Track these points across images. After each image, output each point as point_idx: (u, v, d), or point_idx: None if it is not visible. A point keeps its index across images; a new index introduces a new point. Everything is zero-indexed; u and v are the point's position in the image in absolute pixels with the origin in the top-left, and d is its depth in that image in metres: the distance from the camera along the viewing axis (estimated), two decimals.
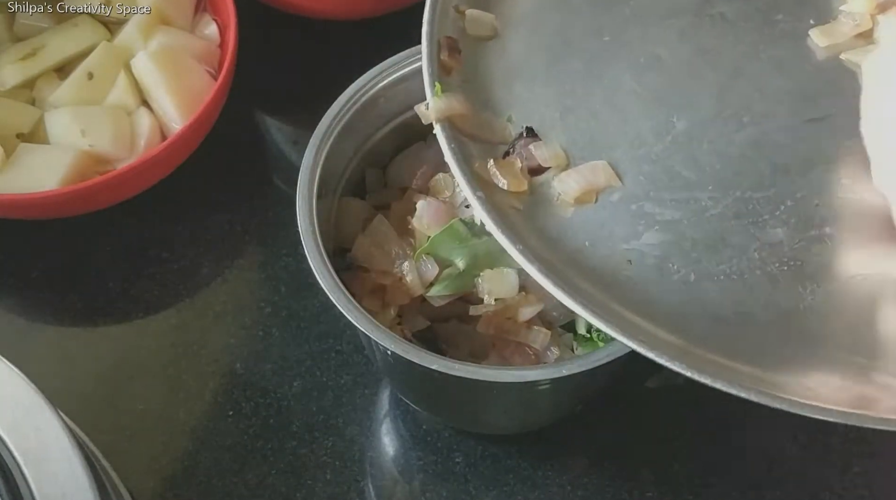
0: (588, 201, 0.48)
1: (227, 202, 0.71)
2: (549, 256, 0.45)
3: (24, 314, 0.67)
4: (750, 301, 0.45)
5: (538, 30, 0.53)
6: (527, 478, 0.59)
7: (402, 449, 0.61)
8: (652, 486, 0.59)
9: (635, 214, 0.47)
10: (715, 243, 0.46)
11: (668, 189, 0.48)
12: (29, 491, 0.41)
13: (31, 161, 0.63)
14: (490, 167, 0.48)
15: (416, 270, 0.53)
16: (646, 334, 0.43)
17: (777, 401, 0.41)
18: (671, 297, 0.45)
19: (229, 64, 0.66)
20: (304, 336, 0.64)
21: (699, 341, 0.44)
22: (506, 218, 0.46)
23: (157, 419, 0.61)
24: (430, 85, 0.50)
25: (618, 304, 0.44)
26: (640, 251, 0.46)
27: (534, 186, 0.48)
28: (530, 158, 0.49)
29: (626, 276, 0.45)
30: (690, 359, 0.42)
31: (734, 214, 0.47)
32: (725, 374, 0.42)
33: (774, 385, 0.42)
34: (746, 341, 0.44)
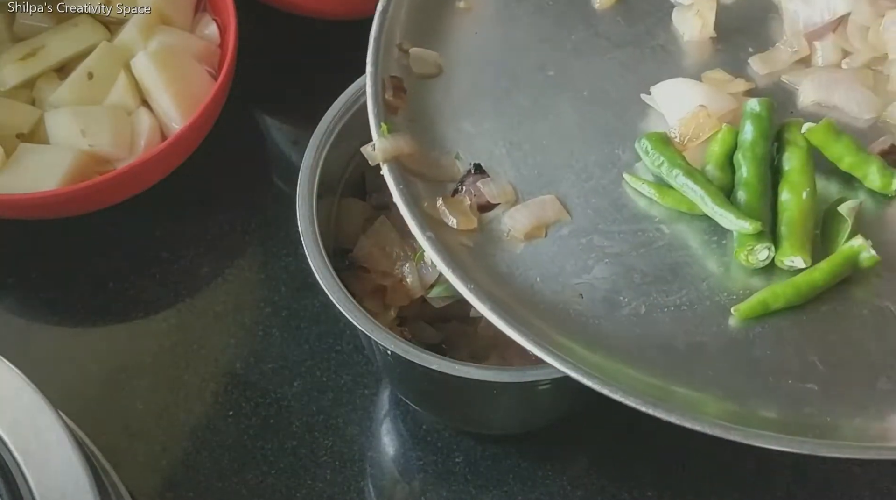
0: (538, 236, 0.48)
1: (227, 202, 0.71)
2: (500, 293, 0.45)
3: (24, 314, 0.67)
4: (700, 331, 0.45)
5: (483, 66, 0.53)
6: (527, 478, 0.59)
7: (402, 449, 0.61)
8: (652, 486, 0.59)
9: (585, 247, 0.47)
10: (664, 275, 0.46)
11: (615, 221, 0.48)
12: (29, 491, 0.41)
13: (31, 161, 0.63)
14: (439, 206, 0.48)
15: (417, 272, 0.53)
16: (598, 369, 0.43)
17: (730, 433, 0.41)
18: (623, 330, 0.45)
19: (229, 64, 0.66)
20: (304, 336, 0.64)
21: (652, 374, 0.44)
22: (456, 257, 0.46)
23: (157, 418, 0.61)
24: (375, 125, 0.50)
25: (570, 339, 0.44)
26: (591, 285, 0.46)
27: (483, 222, 0.49)
28: (479, 195, 0.49)
29: (578, 310, 0.45)
30: (644, 393, 0.42)
31: (682, 244, 0.47)
32: (679, 406, 0.42)
33: (729, 415, 0.42)
34: (699, 372, 0.44)
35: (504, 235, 0.48)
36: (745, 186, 0.47)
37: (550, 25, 0.54)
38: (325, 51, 0.77)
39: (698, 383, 0.44)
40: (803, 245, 0.46)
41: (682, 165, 0.47)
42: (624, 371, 0.44)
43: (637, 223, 0.48)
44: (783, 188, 0.48)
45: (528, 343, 0.43)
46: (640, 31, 0.54)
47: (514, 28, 0.55)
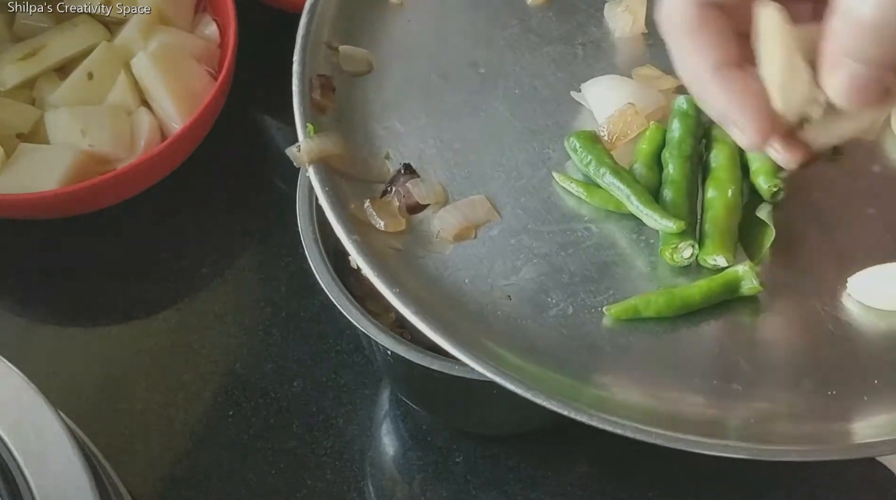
0: (468, 237, 0.47)
1: (227, 202, 0.71)
2: (427, 296, 0.45)
3: (24, 314, 0.67)
4: (627, 332, 0.45)
5: (415, 64, 0.53)
6: (527, 478, 0.59)
7: (402, 449, 0.61)
8: (652, 486, 0.59)
9: (514, 248, 0.47)
10: (592, 274, 0.46)
11: (545, 221, 0.48)
12: (29, 491, 0.41)
13: (31, 161, 0.63)
14: (367, 208, 0.47)
15: None
16: (523, 373, 0.42)
17: (652, 436, 0.41)
18: (550, 331, 0.45)
19: (229, 64, 0.66)
20: (304, 336, 0.64)
21: (578, 376, 0.43)
22: (383, 261, 0.45)
23: (157, 419, 0.61)
24: (301, 126, 0.49)
25: (497, 343, 0.44)
26: (520, 286, 0.46)
27: (413, 224, 0.48)
28: (408, 196, 0.48)
29: (506, 312, 0.45)
30: (568, 396, 0.42)
31: (610, 243, 0.47)
32: (604, 409, 0.42)
33: (655, 418, 0.42)
34: (625, 374, 0.44)
35: (433, 237, 0.47)
36: (671, 185, 0.48)
37: (483, 21, 0.53)
38: None
39: (625, 385, 0.43)
40: (726, 244, 0.46)
41: (609, 163, 0.48)
42: (549, 375, 0.43)
43: (566, 223, 0.48)
44: (709, 186, 0.48)
45: (453, 348, 0.42)
46: (572, 27, 0.54)
47: (446, 24, 0.54)
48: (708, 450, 0.40)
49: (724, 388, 0.43)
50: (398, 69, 0.53)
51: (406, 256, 0.47)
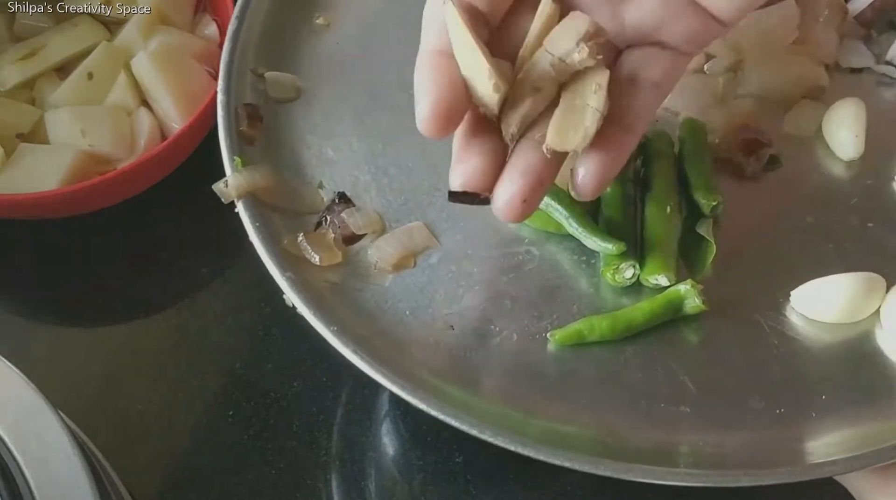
0: (407, 266, 0.47)
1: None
2: (367, 332, 0.44)
3: (24, 314, 0.67)
4: (572, 357, 0.44)
5: (343, 87, 0.52)
6: (527, 478, 0.59)
7: (402, 449, 0.61)
8: (652, 486, 0.59)
9: (455, 275, 0.46)
10: (535, 299, 0.46)
11: (485, 246, 0.47)
12: (29, 491, 0.41)
13: (31, 161, 0.63)
14: (300, 242, 0.46)
15: None
16: (469, 410, 0.42)
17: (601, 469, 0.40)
18: (495, 360, 0.44)
19: None
20: (304, 336, 0.64)
21: (524, 407, 0.43)
22: (319, 297, 0.44)
23: (157, 418, 0.61)
24: (228, 159, 0.48)
25: (441, 378, 0.43)
26: (462, 315, 0.45)
27: (349, 255, 0.47)
28: (344, 227, 0.47)
29: (449, 344, 0.44)
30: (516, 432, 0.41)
31: (552, 265, 0.47)
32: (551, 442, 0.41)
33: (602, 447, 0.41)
34: (573, 400, 0.43)
35: (371, 268, 0.46)
36: (609, 203, 0.47)
37: (412, 41, 0.54)
38: None
39: (572, 414, 0.43)
40: (666, 263, 0.46)
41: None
42: (495, 409, 0.42)
43: (506, 247, 0.47)
44: (647, 203, 0.48)
45: (394, 386, 0.42)
46: None
47: (374, 45, 0.53)
48: (659, 479, 0.40)
49: (672, 411, 0.43)
50: (327, 93, 0.51)
51: (343, 289, 0.46)
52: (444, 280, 0.46)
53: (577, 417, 0.43)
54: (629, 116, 0.39)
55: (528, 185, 0.37)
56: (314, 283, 0.45)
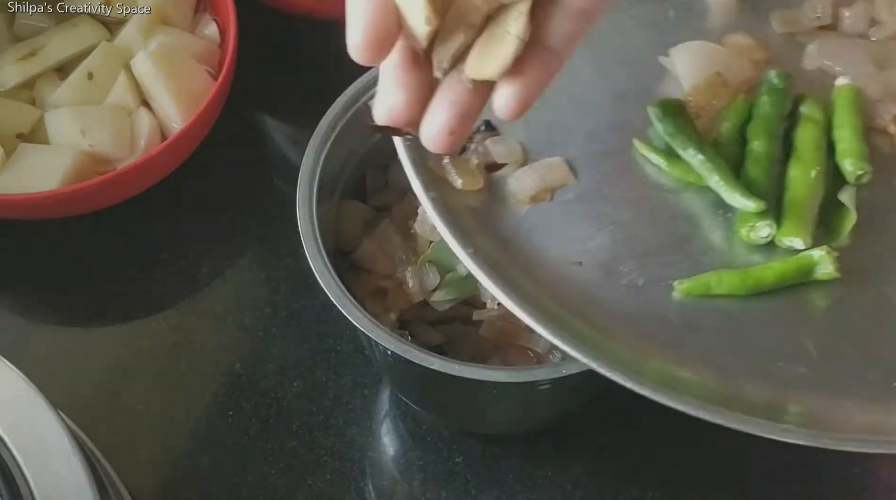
0: (543, 200, 0.47)
1: (227, 202, 0.71)
2: (499, 257, 0.44)
3: (24, 314, 0.67)
4: (696, 307, 0.44)
5: None
6: (527, 478, 0.59)
7: (402, 449, 0.61)
8: (652, 486, 0.59)
9: (589, 213, 0.46)
10: (666, 246, 0.45)
11: (622, 188, 0.47)
12: (29, 491, 0.41)
13: (31, 161, 0.63)
14: (445, 165, 0.47)
15: (419, 277, 0.53)
16: (591, 343, 0.41)
17: (713, 416, 0.40)
18: (619, 300, 0.44)
19: (229, 64, 0.66)
20: (304, 336, 0.64)
21: (642, 348, 0.42)
22: (458, 219, 0.45)
23: (157, 418, 0.61)
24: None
25: (565, 309, 0.43)
26: (592, 253, 0.45)
27: (489, 183, 0.47)
28: (487, 155, 0.47)
29: (576, 278, 0.44)
30: (634, 371, 0.41)
31: (687, 215, 0.46)
32: (664, 383, 0.41)
33: (716, 396, 0.41)
34: (691, 348, 0.43)
35: (509, 197, 0.47)
36: (753, 161, 0.46)
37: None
38: (325, 51, 0.77)
39: (689, 362, 0.42)
40: (804, 226, 0.45)
41: (693, 135, 0.46)
42: (613, 345, 0.42)
43: (643, 191, 0.47)
44: (792, 165, 0.46)
45: (520, 311, 0.41)
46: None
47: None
48: (770, 434, 0.40)
49: (790, 371, 0.42)
50: None
51: (480, 215, 0.46)
52: (577, 217, 0.46)
53: (694, 365, 0.42)
54: (553, 39, 0.38)
55: (455, 117, 0.37)
56: (454, 206, 0.45)
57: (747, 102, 0.48)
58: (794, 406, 0.42)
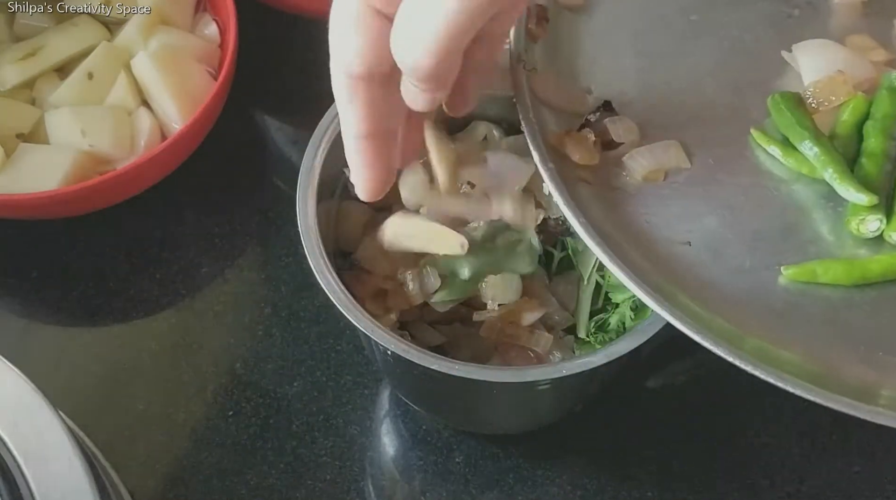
0: (656, 180, 0.48)
1: (227, 202, 0.71)
2: (609, 230, 0.46)
3: (24, 314, 0.67)
4: (801, 293, 0.45)
5: (627, 5, 0.53)
6: (527, 478, 0.59)
7: (402, 449, 0.61)
8: (652, 486, 0.59)
9: (701, 196, 0.47)
10: (774, 234, 0.46)
11: (734, 174, 0.48)
12: (29, 491, 0.41)
13: (31, 161, 0.63)
14: (565, 139, 0.48)
15: (419, 279, 0.53)
16: (695, 317, 0.43)
17: (810, 393, 0.41)
18: (725, 283, 0.45)
19: (229, 64, 0.66)
20: (304, 336, 0.64)
21: (747, 330, 0.44)
22: (573, 191, 0.46)
23: (157, 418, 0.61)
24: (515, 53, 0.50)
25: (670, 283, 0.44)
26: (700, 234, 0.46)
27: (604, 159, 0.48)
28: (605, 133, 0.49)
29: (684, 257, 0.46)
30: (735, 346, 0.42)
31: (797, 205, 0.47)
32: (769, 362, 0.42)
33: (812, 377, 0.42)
34: (792, 332, 0.44)
35: (623, 175, 0.48)
36: (869, 157, 0.47)
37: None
38: (326, 51, 0.77)
39: (790, 343, 0.43)
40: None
41: (810, 128, 0.47)
42: (715, 320, 0.43)
43: (756, 179, 0.48)
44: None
45: (626, 279, 0.43)
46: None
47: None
48: (863, 414, 0.40)
49: (889, 361, 0.43)
50: (610, 8, 0.53)
51: (593, 189, 0.47)
52: (689, 199, 0.47)
53: (794, 347, 0.43)
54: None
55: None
56: (570, 178, 0.47)
57: (866, 101, 0.49)
58: (885, 391, 0.42)
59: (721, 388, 0.62)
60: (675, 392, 0.62)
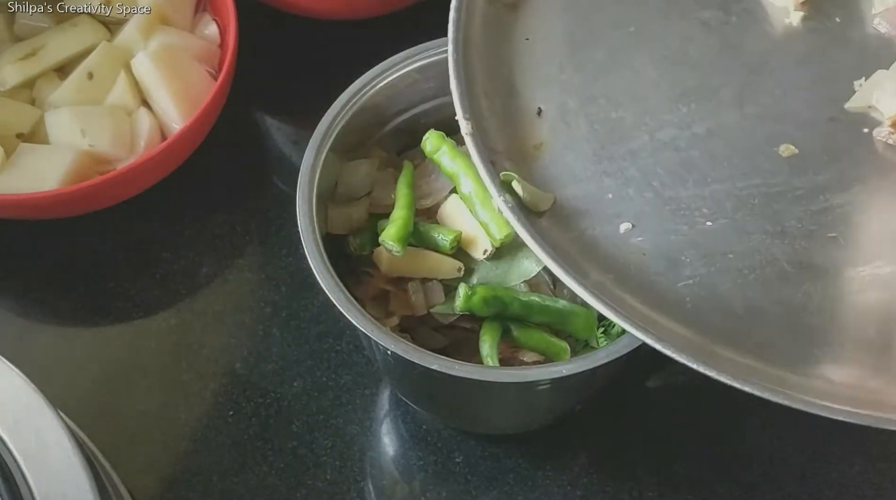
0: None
1: (227, 202, 0.71)
2: (566, 247, 0.46)
3: (24, 314, 0.67)
4: (760, 296, 0.45)
5: (563, 20, 0.53)
6: (527, 478, 0.59)
7: (402, 449, 0.61)
8: (652, 486, 0.59)
9: (669, 209, 0.48)
10: (727, 238, 0.47)
11: (683, 183, 0.48)
12: (29, 491, 0.41)
13: (31, 161, 0.63)
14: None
15: (423, 290, 0.53)
16: (655, 326, 0.43)
17: (779, 396, 0.41)
18: (683, 289, 0.45)
19: (229, 64, 0.66)
20: (304, 336, 0.64)
21: (708, 335, 0.44)
22: (530, 219, 0.47)
23: (157, 418, 0.61)
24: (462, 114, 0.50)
25: (630, 295, 0.45)
26: (654, 242, 0.46)
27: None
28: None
29: (640, 268, 0.46)
30: (698, 351, 0.42)
31: (748, 210, 0.47)
32: (730, 367, 0.42)
33: (781, 381, 0.42)
34: (755, 336, 0.44)
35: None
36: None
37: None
38: (326, 51, 0.77)
39: (753, 347, 0.44)
40: None
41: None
42: (675, 329, 0.44)
43: (706, 186, 0.48)
44: None
45: (587, 294, 0.43)
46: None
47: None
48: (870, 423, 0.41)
49: (851, 358, 0.44)
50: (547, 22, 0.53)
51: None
52: (639, 209, 0.48)
53: (761, 353, 0.44)
54: None
55: None
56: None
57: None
58: (857, 394, 0.43)
59: (721, 388, 0.62)
60: (675, 392, 0.62)
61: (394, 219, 0.52)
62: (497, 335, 0.51)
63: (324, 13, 0.75)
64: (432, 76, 0.57)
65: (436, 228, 0.53)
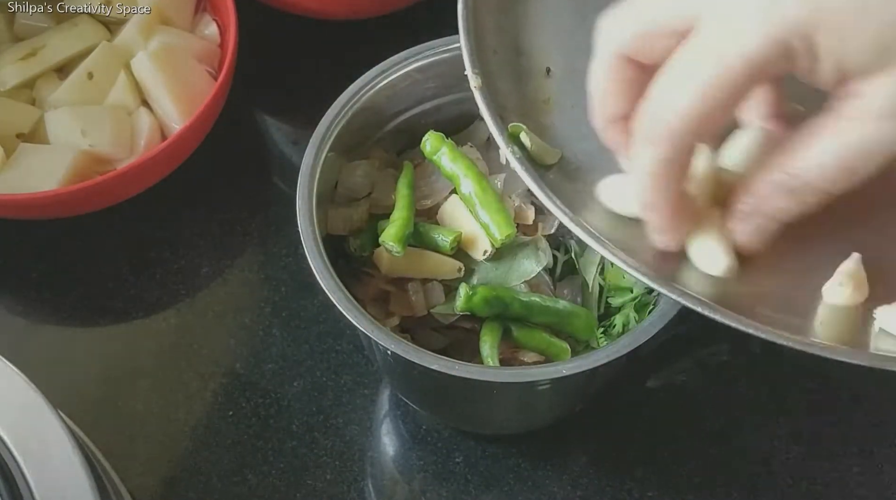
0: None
1: (227, 202, 0.71)
2: (572, 198, 0.47)
3: (24, 314, 0.67)
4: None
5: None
6: (527, 478, 0.59)
7: (402, 449, 0.61)
8: (652, 486, 0.59)
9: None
10: None
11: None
12: (29, 491, 0.41)
13: (31, 161, 0.63)
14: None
15: (424, 291, 0.53)
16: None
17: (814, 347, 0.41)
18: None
19: (229, 64, 0.66)
20: (304, 336, 0.64)
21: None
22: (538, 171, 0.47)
23: (157, 419, 0.61)
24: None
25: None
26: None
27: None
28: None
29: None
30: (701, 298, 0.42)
31: None
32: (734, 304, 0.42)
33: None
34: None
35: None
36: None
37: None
38: (325, 51, 0.77)
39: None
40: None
41: None
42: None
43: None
44: None
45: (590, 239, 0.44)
46: None
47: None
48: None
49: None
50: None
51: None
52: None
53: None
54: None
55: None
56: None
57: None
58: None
59: (721, 387, 0.62)
60: (675, 392, 0.62)
61: (394, 219, 0.52)
62: (497, 336, 0.51)
63: (324, 13, 0.75)
64: (432, 76, 0.57)
65: (436, 228, 0.53)
